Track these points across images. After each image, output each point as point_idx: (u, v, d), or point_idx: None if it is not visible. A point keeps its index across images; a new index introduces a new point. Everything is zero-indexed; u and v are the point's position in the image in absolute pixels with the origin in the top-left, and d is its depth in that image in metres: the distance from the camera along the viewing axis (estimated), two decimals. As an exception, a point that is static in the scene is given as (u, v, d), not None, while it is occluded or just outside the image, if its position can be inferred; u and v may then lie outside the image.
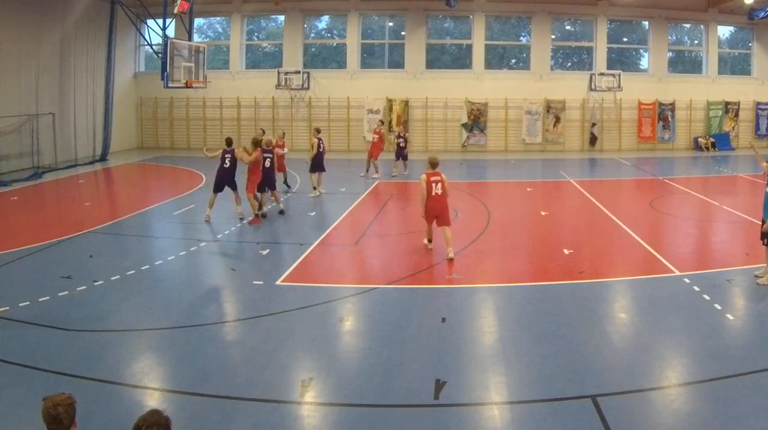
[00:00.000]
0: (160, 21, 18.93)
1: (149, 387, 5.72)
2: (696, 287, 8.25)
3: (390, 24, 26.98)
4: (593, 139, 25.95)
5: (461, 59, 26.68)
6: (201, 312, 7.69)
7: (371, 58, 27.19)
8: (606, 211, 13.52)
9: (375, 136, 19.19)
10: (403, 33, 26.27)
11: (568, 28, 27.27)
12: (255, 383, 5.73)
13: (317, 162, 15.55)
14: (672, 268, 9.15)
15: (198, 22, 25.96)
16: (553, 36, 26.47)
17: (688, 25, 27.10)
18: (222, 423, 5.06)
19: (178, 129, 26.43)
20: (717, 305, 7.56)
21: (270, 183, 13.18)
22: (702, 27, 26.69)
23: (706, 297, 7.88)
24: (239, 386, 5.68)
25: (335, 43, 27.14)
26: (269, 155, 13.05)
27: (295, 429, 5.12)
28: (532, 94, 25.51)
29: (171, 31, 19.75)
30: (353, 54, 26.07)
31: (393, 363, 6.13)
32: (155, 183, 18.91)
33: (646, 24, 26.62)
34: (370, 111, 25.54)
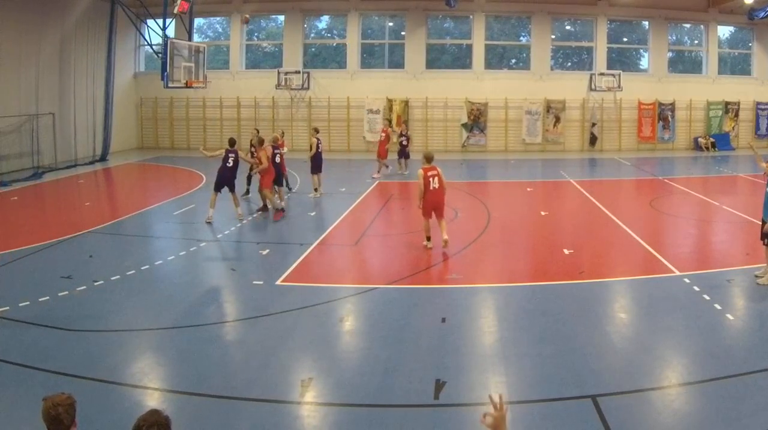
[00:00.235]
0: (160, 21, 18.92)
1: (149, 387, 5.72)
2: (696, 287, 8.24)
3: (390, 24, 26.97)
4: (593, 139, 25.93)
5: (461, 59, 26.67)
6: (201, 312, 7.69)
7: (371, 58, 27.18)
8: (606, 212, 13.52)
9: (382, 134, 19.22)
10: (403, 33, 26.26)
11: (568, 28, 27.27)
12: (255, 383, 5.72)
13: (317, 162, 15.58)
14: (672, 268, 9.15)
15: (198, 22, 25.94)
16: (553, 36, 26.46)
17: (688, 25, 27.10)
18: (222, 423, 5.06)
19: (178, 129, 26.42)
20: (717, 305, 7.56)
21: (278, 179, 13.47)
22: (702, 27, 26.68)
23: (706, 297, 7.87)
24: (239, 386, 5.67)
25: (335, 43, 27.14)
26: (278, 152, 13.48)
27: (295, 429, 5.12)
28: (532, 94, 25.49)
29: (171, 31, 19.74)
30: (353, 54, 26.06)
31: (393, 363, 6.13)
32: (155, 183, 18.91)
33: (646, 24, 26.60)
34: (370, 111, 25.53)
